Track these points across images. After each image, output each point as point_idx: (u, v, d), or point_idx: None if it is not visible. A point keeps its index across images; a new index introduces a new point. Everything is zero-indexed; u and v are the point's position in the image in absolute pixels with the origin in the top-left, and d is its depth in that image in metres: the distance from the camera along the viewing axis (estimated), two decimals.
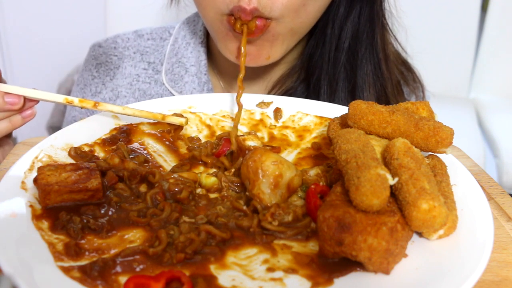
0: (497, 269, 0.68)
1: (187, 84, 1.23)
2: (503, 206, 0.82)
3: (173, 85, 1.24)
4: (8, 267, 0.59)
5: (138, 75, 1.28)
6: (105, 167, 0.81)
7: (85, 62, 1.33)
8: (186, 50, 1.26)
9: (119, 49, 1.31)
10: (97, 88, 1.28)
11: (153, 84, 1.27)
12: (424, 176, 0.66)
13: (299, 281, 0.63)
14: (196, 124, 0.98)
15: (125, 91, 1.27)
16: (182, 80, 1.24)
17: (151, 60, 1.29)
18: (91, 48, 1.33)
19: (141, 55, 1.30)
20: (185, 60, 1.25)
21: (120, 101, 1.27)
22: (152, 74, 1.28)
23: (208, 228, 0.69)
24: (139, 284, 0.60)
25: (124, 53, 1.30)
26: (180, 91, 1.23)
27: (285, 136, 0.97)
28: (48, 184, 0.73)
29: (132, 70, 1.28)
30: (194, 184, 0.81)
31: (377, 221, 0.62)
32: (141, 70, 1.29)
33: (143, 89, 1.27)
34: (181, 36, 1.28)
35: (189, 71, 1.24)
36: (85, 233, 0.69)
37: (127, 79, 1.28)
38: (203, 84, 1.23)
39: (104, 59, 1.30)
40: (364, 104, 0.79)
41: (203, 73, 1.23)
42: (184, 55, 1.25)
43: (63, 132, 0.87)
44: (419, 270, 0.63)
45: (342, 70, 1.17)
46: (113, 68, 1.29)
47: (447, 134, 0.74)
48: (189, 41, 1.26)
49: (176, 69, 1.25)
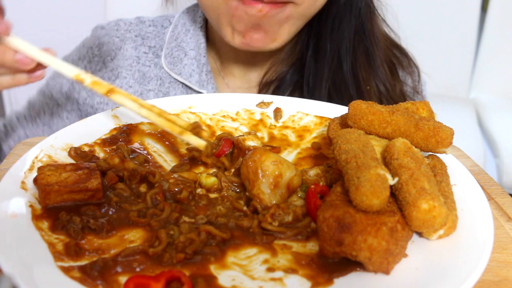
0: (497, 269, 0.68)
1: (186, 66, 1.26)
2: (503, 206, 0.82)
3: (172, 68, 1.27)
4: (8, 267, 0.59)
5: (138, 57, 1.31)
6: (105, 167, 0.81)
7: (85, 41, 1.34)
8: (185, 36, 1.29)
9: (121, 31, 1.33)
10: (96, 66, 1.30)
11: (152, 67, 1.30)
12: (424, 176, 0.66)
13: (299, 281, 0.63)
14: None
15: (125, 72, 1.29)
16: (181, 63, 1.27)
17: (152, 45, 1.32)
18: (94, 29, 1.35)
19: (142, 39, 1.33)
20: (184, 45, 1.28)
21: (119, 81, 1.29)
22: (153, 57, 1.31)
23: (208, 228, 0.69)
24: (139, 284, 0.60)
25: (126, 35, 1.33)
26: (179, 73, 1.26)
27: (285, 136, 0.97)
28: (48, 184, 0.73)
29: (133, 52, 1.31)
30: (194, 184, 0.81)
31: (377, 221, 0.62)
32: (142, 53, 1.31)
33: (143, 71, 1.29)
34: (181, 24, 1.31)
35: (188, 55, 1.27)
36: (85, 233, 0.69)
37: (128, 61, 1.30)
38: (202, 65, 1.26)
39: (106, 40, 1.31)
40: (364, 104, 0.79)
41: (202, 55, 1.26)
42: (183, 40, 1.29)
43: (63, 132, 0.87)
44: (419, 270, 0.63)
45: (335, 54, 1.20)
46: (114, 49, 1.31)
47: (447, 134, 0.74)
48: (188, 28, 1.30)
49: (176, 53, 1.28)
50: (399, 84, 1.26)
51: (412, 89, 1.30)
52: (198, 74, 1.25)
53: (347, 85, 1.19)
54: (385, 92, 1.21)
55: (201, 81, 1.25)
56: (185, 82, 1.25)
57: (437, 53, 2.61)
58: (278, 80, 1.25)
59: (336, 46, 1.19)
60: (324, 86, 1.19)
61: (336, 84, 1.20)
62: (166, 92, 1.28)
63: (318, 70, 1.20)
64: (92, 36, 1.34)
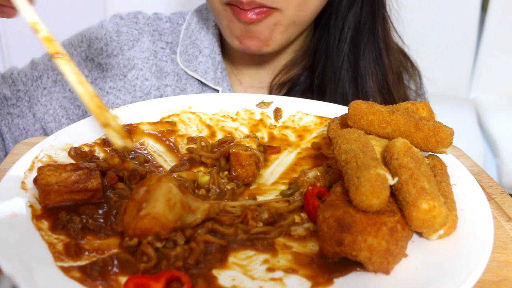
0: (497, 269, 0.68)
1: (201, 64, 1.27)
2: (503, 206, 0.82)
3: (187, 65, 1.28)
4: (8, 267, 0.59)
5: (156, 51, 1.31)
6: (105, 167, 0.81)
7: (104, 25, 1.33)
8: (199, 34, 1.30)
9: (139, 24, 1.33)
10: (113, 51, 1.29)
11: (169, 62, 1.31)
12: (424, 176, 0.66)
13: (299, 281, 0.63)
14: (196, 124, 0.98)
15: (142, 64, 1.29)
16: (196, 60, 1.28)
17: (169, 40, 1.33)
18: (112, 17, 1.35)
19: (159, 34, 1.34)
20: (198, 42, 1.29)
21: (135, 72, 1.28)
22: (170, 53, 1.32)
23: (206, 238, 0.69)
24: (139, 284, 0.60)
25: (144, 28, 1.33)
26: (195, 70, 1.28)
27: (285, 136, 0.97)
28: (48, 184, 0.72)
29: (150, 46, 1.31)
30: (193, 184, 0.81)
31: (377, 221, 0.62)
32: (159, 48, 1.32)
33: (160, 66, 1.30)
34: (194, 22, 1.33)
35: (203, 52, 1.28)
36: (85, 233, 0.69)
37: (145, 53, 1.30)
38: (217, 63, 1.27)
39: (125, 30, 1.31)
40: (364, 104, 0.79)
41: (217, 53, 1.28)
42: (197, 37, 1.30)
43: (63, 132, 0.87)
44: (419, 270, 0.63)
45: (346, 59, 1.21)
46: (132, 40, 1.31)
47: (447, 134, 0.74)
48: (202, 26, 1.31)
49: (190, 50, 1.29)
50: (403, 89, 1.27)
51: (415, 92, 1.30)
52: (213, 72, 1.27)
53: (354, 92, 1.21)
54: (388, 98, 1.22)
55: (216, 79, 1.26)
56: (201, 79, 1.27)
57: (437, 53, 2.61)
58: (291, 82, 1.26)
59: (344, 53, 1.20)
60: (332, 92, 1.21)
61: (343, 91, 1.21)
62: (183, 88, 1.28)
63: (326, 76, 1.22)
64: (110, 22, 1.33)
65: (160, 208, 0.66)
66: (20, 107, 1.24)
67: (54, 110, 1.26)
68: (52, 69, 1.28)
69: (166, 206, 0.67)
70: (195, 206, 0.71)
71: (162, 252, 0.66)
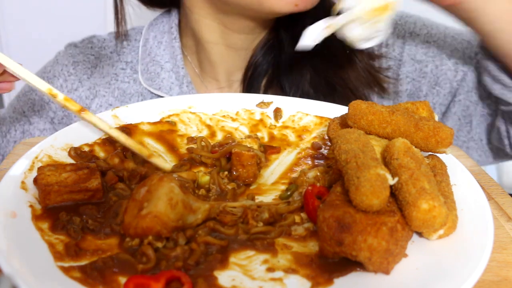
0: (497, 269, 0.68)
1: (165, 80, 1.23)
2: (503, 206, 0.82)
3: (150, 84, 1.24)
4: (8, 267, 0.59)
5: (116, 74, 1.27)
6: (105, 167, 0.81)
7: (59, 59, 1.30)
8: (158, 48, 1.26)
9: (95, 49, 1.30)
10: (73, 85, 1.26)
11: (132, 83, 1.26)
12: (424, 176, 0.66)
13: (299, 281, 0.63)
14: (196, 124, 0.98)
15: (104, 90, 1.26)
16: (158, 77, 1.24)
17: (128, 60, 1.29)
18: (67, 47, 1.32)
19: (118, 55, 1.30)
20: (159, 58, 1.25)
21: (98, 100, 1.25)
22: (131, 73, 1.27)
23: (206, 239, 0.69)
24: (139, 284, 0.60)
25: (100, 52, 1.29)
26: (159, 88, 1.23)
27: (285, 136, 0.97)
28: (48, 184, 0.73)
29: (110, 69, 1.28)
30: (194, 184, 0.81)
31: (377, 221, 0.62)
32: (119, 69, 1.28)
33: (123, 88, 1.26)
34: (152, 37, 1.28)
35: (165, 68, 1.24)
36: (85, 233, 0.69)
37: (105, 78, 1.27)
38: (181, 77, 1.23)
39: (81, 58, 1.28)
40: (364, 104, 0.79)
41: (180, 67, 1.24)
42: (157, 53, 1.25)
43: (63, 132, 0.87)
44: (419, 270, 0.63)
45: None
46: (90, 67, 1.27)
47: (447, 134, 0.74)
48: (160, 40, 1.27)
49: (151, 68, 1.25)
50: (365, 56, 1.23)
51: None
52: (178, 86, 1.23)
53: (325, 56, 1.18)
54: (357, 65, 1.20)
55: (183, 93, 1.22)
56: (166, 97, 1.21)
57: None
58: (253, 65, 1.23)
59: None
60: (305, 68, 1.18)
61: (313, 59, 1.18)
62: None
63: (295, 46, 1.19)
64: (65, 54, 1.30)
65: (162, 207, 0.67)
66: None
67: None
68: (17, 120, 1.25)
69: (168, 205, 0.67)
70: (196, 206, 0.72)
71: (162, 253, 0.66)
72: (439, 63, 1.22)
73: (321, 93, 1.19)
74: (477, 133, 1.22)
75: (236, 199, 0.80)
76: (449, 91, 1.22)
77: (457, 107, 1.21)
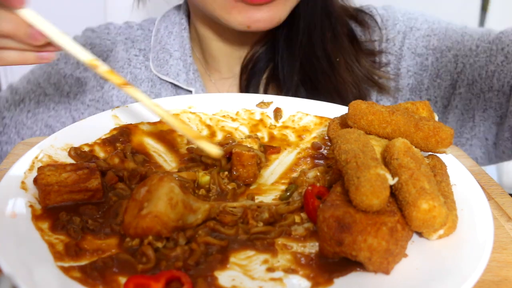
0: (497, 269, 0.68)
1: (173, 67, 1.28)
2: (503, 206, 0.82)
3: (159, 70, 1.29)
4: (8, 267, 0.59)
5: (129, 59, 1.32)
6: (105, 167, 0.81)
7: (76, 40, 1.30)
8: (169, 38, 1.31)
9: (111, 35, 1.35)
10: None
11: (143, 69, 1.31)
12: (424, 176, 0.66)
13: (299, 281, 0.63)
14: (196, 124, 0.98)
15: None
16: (167, 64, 1.29)
17: (142, 47, 1.34)
18: (84, 31, 1.36)
19: (132, 42, 1.35)
20: (168, 47, 1.30)
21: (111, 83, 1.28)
22: (143, 60, 1.32)
23: (206, 239, 0.69)
24: (139, 284, 0.60)
25: (116, 38, 1.35)
26: (167, 73, 1.28)
27: (285, 136, 0.97)
28: (48, 184, 0.73)
29: (124, 54, 1.32)
30: (194, 184, 0.81)
31: (377, 221, 0.62)
32: (133, 55, 1.33)
33: (135, 73, 1.31)
34: (163, 27, 1.34)
35: (174, 56, 1.29)
36: (85, 233, 0.69)
37: (119, 63, 1.32)
38: (188, 65, 1.28)
39: (97, 42, 1.33)
40: (364, 104, 0.79)
41: (188, 55, 1.29)
42: (167, 42, 1.31)
43: (63, 132, 0.87)
44: (419, 270, 0.63)
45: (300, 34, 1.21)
46: (106, 51, 1.32)
47: (447, 134, 0.74)
48: (171, 30, 1.32)
49: (161, 55, 1.30)
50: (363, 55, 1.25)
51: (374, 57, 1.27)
52: (185, 73, 1.27)
53: (318, 59, 1.21)
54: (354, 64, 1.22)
55: (189, 80, 1.27)
56: (174, 82, 1.27)
57: None
58: (253, 61, 1.27)
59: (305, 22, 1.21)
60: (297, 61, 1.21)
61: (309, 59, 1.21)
62: (158, 93, 1.29)
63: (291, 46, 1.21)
64: (83, 37, 1.34)
65: (162, 207, 0.67)
66: (8, 134, 1.25)
67: (40, 131, 1.27)
68: (32, 91, 1.28)
69: (168, 205, 0.67)
70: (196, 206, 0.72)
71: (162, 253, 0.66)
72: (439, 55, 1.23)
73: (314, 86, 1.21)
74: (481, 131, 1.22)
75: (236, 199, 0.80)
76: (450, 83, 1.22)
77: (458, 100, 1.21)
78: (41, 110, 1.27)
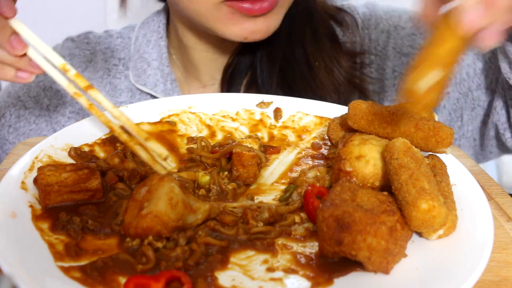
0: (497, 269, 0.68)
1: (151, 77, 1.26)
2: (503, 206, 0.82)
3: (137, 80, 1.27)
4: (8, 267, 0.59)
5: (108, 69, 1.30)
6: (105, 167, 0.81)
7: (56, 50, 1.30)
8: (147, 46, 1.29)
9: (91, 44, 1.33)
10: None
11: (123, 79, 1.29)
12: (424, 176, 0.66)
13: (299, 281, 0.63)
14: (196, 124, 0.98)
15: (96, 84, 1.27)
16: (145, 74, 1.27)
17: (121, 56, 1.32)
18: (64, 41, 1.34)
19: (111, 51, 1.33)
20: (147, 56, 1.28)
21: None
22: (123, 69, 1.30)
23: (206, 240, 0.69)
24: (139, 284, 0.60)
25: (96, 48, 1.33)
26: (144, 84, 1.26)
27: (285, 136, 0.97)
28: (48, 184, 0.73)
29: (103, 64, 1.31)
30: (194, 184, 0.81)
31: (377, 221, 0.62)
32: (112, 65, 1.31)
33: (114, 83, 1.29)
34: (142, 35, 1.31)
35: (152, 65, 1.27)
36: (85, 233, 0.69)
37: (99, 73, 1.30)
38: (166, 75, 1.26)
39: (77, 52, 1.31)
40: (364, 104, 0.79)
41: (165, 65, 1.26)
42: (145, 51, 1.29)
43: (63, 132, 0.87)
44: (419, 270, 0.63)
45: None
46: (85, 61, 1.30)
47: (447, 134, 0.74)
48: (149, 39, 1.30)
49: (139, 64, 1.28)
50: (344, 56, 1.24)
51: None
52: (163, 84, 1.25)
53: (298, 62, 1.20)
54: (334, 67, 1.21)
55: (167, 90, 1.25)
56: (151, 93, 1.25)
57: None
58: (233, 66, 1.25)
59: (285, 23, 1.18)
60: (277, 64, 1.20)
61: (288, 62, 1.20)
62: None
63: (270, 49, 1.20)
64: (63, 48, 1.33)
65: (162, 207, 0.67)
66: None
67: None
68: (12, 105, 1.26)
69: (168, 204, 0.67)
70: (196, 207, 0.72)
71: (162, 253, 0.66)
72: None
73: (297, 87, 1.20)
74: (469, 130, 1.21)
75: (236, 199, 0.80)
76: None
77: (446, 100, 1.21)
78: (22, 124, 1.25)
